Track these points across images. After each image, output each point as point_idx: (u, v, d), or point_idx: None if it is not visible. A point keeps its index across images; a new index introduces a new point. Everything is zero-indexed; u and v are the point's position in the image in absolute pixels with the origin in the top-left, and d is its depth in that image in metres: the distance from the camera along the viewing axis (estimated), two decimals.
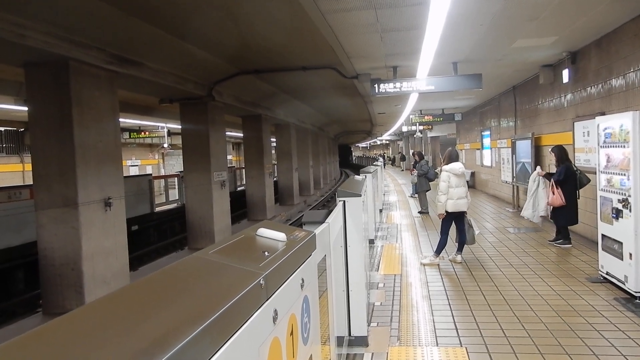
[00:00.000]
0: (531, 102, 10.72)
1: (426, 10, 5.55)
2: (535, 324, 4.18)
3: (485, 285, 5.38)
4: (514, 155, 11.24)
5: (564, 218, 7.09)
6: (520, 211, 11.16)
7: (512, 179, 11.52)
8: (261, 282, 1.19)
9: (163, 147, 27.72)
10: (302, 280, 1.67)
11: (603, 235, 5.24)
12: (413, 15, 5.82)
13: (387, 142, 55.10)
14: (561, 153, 7.17)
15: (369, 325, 4.14)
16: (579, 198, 7.05)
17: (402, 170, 34.85)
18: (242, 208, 17.12)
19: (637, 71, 6.05)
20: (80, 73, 6.31)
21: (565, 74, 8.22)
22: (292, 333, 1.49)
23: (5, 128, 17.71)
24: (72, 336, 0.77)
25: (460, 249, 6.53)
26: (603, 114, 6.59)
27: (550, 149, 7.43)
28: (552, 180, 7.06)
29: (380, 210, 11.33)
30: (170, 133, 20.78)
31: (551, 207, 7.16)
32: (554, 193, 6.95)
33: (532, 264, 6.24)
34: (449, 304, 4.79)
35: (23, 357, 0.68)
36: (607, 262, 5.18)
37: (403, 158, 37.66)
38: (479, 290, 5.22)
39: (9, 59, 6.38)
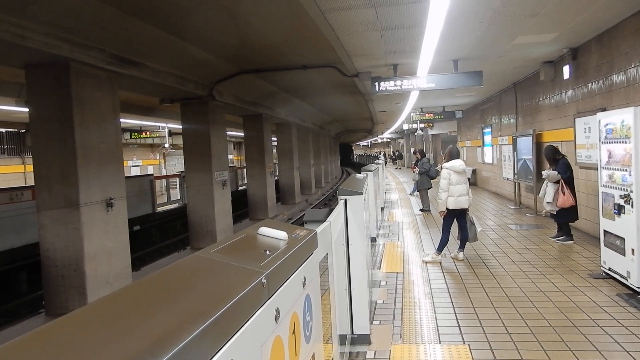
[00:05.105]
0: (532, 99, 10.70)
1: (426, 8, 5.54)
2: (538, 320, 4.17)
3: (488, 282, 5.37)
4: (515, 152, 11.23)
5: (565, 215, 7.06)
6: (521, 208, 11.18)
7: (514, 176, 11.51)
8: (263, 280, 1.20)
9: (164, 147, 27.75)
10: (304, 278, 1.67)
11: (605, 231, 5.24)
12: (413, 13, 5.81)
13: (388, 140, 55.06)
14: (551, 153, 7.17)
15: (371, 323, 4.14)
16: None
17: (397, 168, 34.94)
18: (243, 207, 17.13)
19: (638, 67, 6.03)
20: (81, 74, 6.31)
21: (566, 70, 8.20)
22: (294, 332, 1.50)
23: (7, 129, 17.74)
24: (74, 336, 0.77)
25: (462, 246, 6.52)
26: (604, 109, 6.57)
27: (543, 153, 7.42)
28: (561, 180, 6.90)
29: (382, 209, 11.34)
30: (171, 133, 20.80)
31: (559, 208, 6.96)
32: (564, 194, 6.81)
33: (534, 260, 6.24)
34: (452, 302, 4.79)
35: (25, 357, 0.68)
36: (609, 258, 5.18)
37: (400, 156, 37.67)
38: (481, 287, 5.22)
39: (9, 61, 6.39)
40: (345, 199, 3.61)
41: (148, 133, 19.86)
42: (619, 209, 4.86)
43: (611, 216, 5.05)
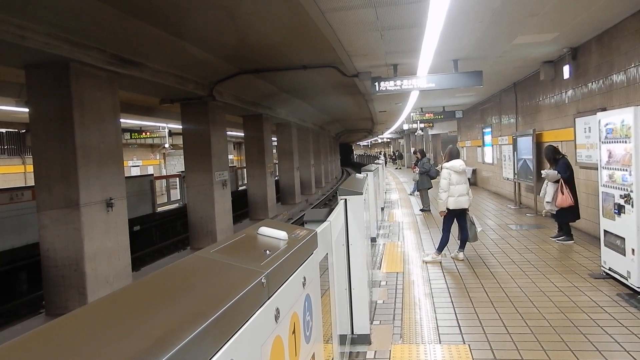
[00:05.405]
0: (532, 99, 10.70)
1: (426, 8, 5.54)
2: (538, 320, 4.17)
3: (488, 282, 5.37)
4: (515, 152, 11.23)
5: (566, 215, 7.06)
6: (521, 207, 11.18)
7: (514, 176, 11.50)
8: (263, 280, 1.19)
9: (164, 147, 27.76)
10: (304, 278, 1.67)
11: (605, 231, 5.23)
12: (413, 13, 5.81)
13: (388, 140, 55.06)
14: (551, 153, 7.17)
15: (371, 323, 4.14)
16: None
17: (397, 168, 34.98)
18: (243, 207, 17.13)
19: (638, 66, 6.03)
20: (81, 74, 6.32)
21: (566, 70, 8.20)
22: (294, 332, 1.50)
23: (7, 129, 17.74)
24: (74, 336, 0.77)
25: (462, 246, 6.52)
26: (604, 109, 6.57)
27: (543, 152, 7.43)
28: (560, 180, 6.88)
29: (382, 209, 11.33)
30: (171, 133, 20.79)
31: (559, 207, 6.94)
32: (562, 193, 6.80)
33: (534, 260, 6.23)
34: (452, 301, 4.79)
35: (25, 357, 0.68)
36: (609, 258, 5.18)
37: (400, 156, 37.71)
38: (482, 287, 5.22)
39: (9, 61, 6.39)
40: (345, 199, 3.61)
41: (148, 133, 19.86)
42: (619, 209, 4.86)
43: (611, 216, 5.05)
